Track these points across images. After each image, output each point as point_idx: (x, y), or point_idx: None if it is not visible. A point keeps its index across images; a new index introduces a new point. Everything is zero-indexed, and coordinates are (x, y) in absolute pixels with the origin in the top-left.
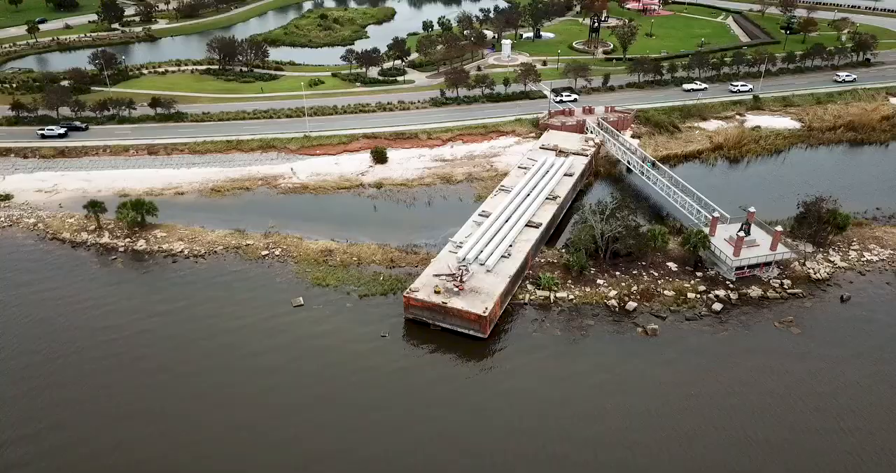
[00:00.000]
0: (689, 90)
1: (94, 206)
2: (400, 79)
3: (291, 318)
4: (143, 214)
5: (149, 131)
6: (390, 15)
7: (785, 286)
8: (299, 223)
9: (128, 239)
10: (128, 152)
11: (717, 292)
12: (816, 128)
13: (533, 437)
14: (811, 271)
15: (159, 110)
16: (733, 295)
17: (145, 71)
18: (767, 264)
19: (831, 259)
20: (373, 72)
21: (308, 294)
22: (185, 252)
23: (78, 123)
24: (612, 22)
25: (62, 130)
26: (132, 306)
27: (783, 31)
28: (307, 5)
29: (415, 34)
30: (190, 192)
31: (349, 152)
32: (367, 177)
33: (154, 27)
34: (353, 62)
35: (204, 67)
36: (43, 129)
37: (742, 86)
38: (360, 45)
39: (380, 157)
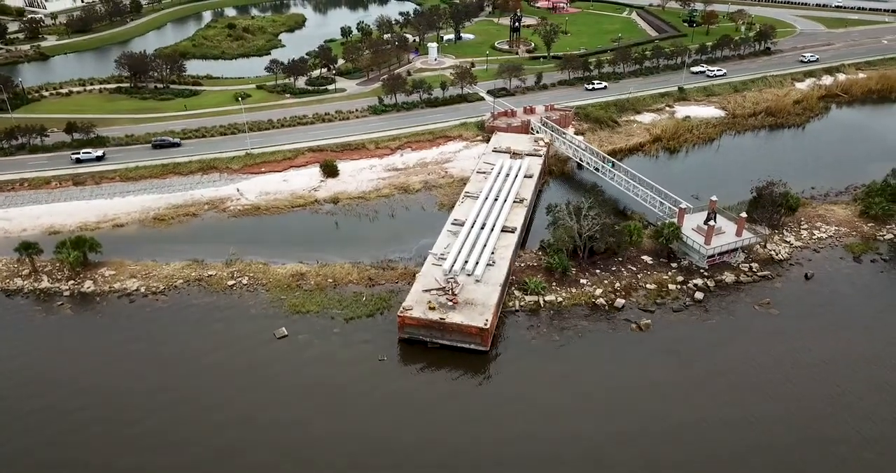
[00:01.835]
0: (696, 72)
1: (28, 248)
2: (330, 88)
3: (278, 350)
4: (86, 252)
5: (68, 159)
6: (301, 22)
7: (754, 269)
8: (260, 247)
9: (72, 282)
10: (50, 184)
11: (695, 281)
12: (739, 115)
13: (560, 445)
14: (773, 253)
15: (77, 135)
16: (710, 283)
17: (45, 92)
18: (734, 250)
19: (787, 239)
20: (299, 81)
21: (289, 322)
22: (142, 289)
23: (170, 138)
24: (528, 21)
25: (99, 153)
26: (94, 354)
27: (686, 24)
28: (207, 16)
29: (332, 40)
30: (130, 223)
31: (295, 167)
32: (321, 192)
33: (43, 44)
34: (280, 73)
35: (113, 86)
36: (78, 153)
37: (718, 70)
38: (276, 55)
39: (330, 171)
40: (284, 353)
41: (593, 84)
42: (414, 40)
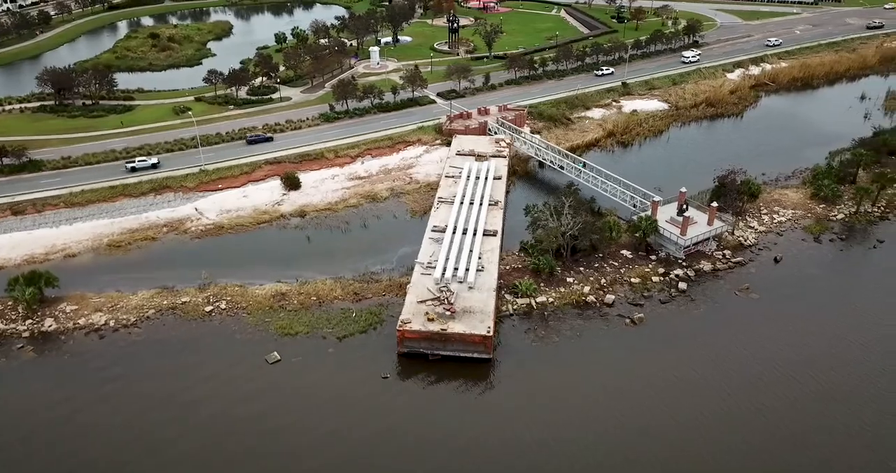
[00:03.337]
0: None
1: None
2: (275, 97)
3: (273, 376)
4: (42, 288)
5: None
6: (228, 29)
7: (727, 256)
8: (232, 269)
9: (29, 321)
10: None
11: (676, 272)
12: (682, 107)
13: (585, 449)
14: (741, 239)
15: (6, 160)
16: (690, 273)
17: None
18: (707, 239)
19: (751, 225)
20: (241, 91)
21: (279, 346)
22: (111, 323)
23: (262, 134)
24: (463, 21)
25: (154, 160)
26: (69, 398)
27: (615, 20)
28: (122, 26)
29: (265, 47)
30: (83, 252)
31: (254, 182)
32: (285, 206)
33: None
34: (219, 83)
35: (36, 104)
36: (133, 161)
37: (693, 57)
38: (208, 64)
39: (292, 183)
40: (281, 379)
41: (602, 70)
42: (351, 45)
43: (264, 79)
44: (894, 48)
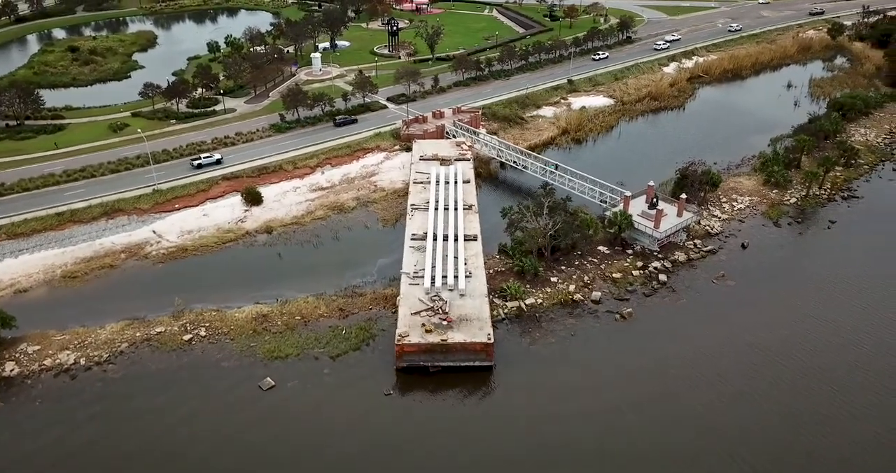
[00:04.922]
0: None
1: None
2: (218, 108)
3: (271, 404)
4: None
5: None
6: (152, 39)
7: (698, 245)
8: (205, 293)
9: None
10: None
11: (654, 265)
12: (627, 102)
13: (605, 448)
14: (708, 228)
15: None
16: (668, 265)
17: None
18: (678, 230)
19: (715, 214)
20: (181, 104)
21: (271, 371)
22: (81, 362)
23: (347, 116)
24: (399, 24)
25: (218, 156)
26: (47, 450)
27: (548, 19)
28: (32, 39)
29: (196, 57)
30: (36, 286)
31: (212, 199)
32: (249, 222)
33: None
34: (157, 96)
35: None
36: (199, 158)
37: (664, 45)
38: (137, 77)
39: (253, 198)
40: (280, 406)
41: (598, 54)
42: (288, 52)
43: (204, 90)
44: (809, 38)
